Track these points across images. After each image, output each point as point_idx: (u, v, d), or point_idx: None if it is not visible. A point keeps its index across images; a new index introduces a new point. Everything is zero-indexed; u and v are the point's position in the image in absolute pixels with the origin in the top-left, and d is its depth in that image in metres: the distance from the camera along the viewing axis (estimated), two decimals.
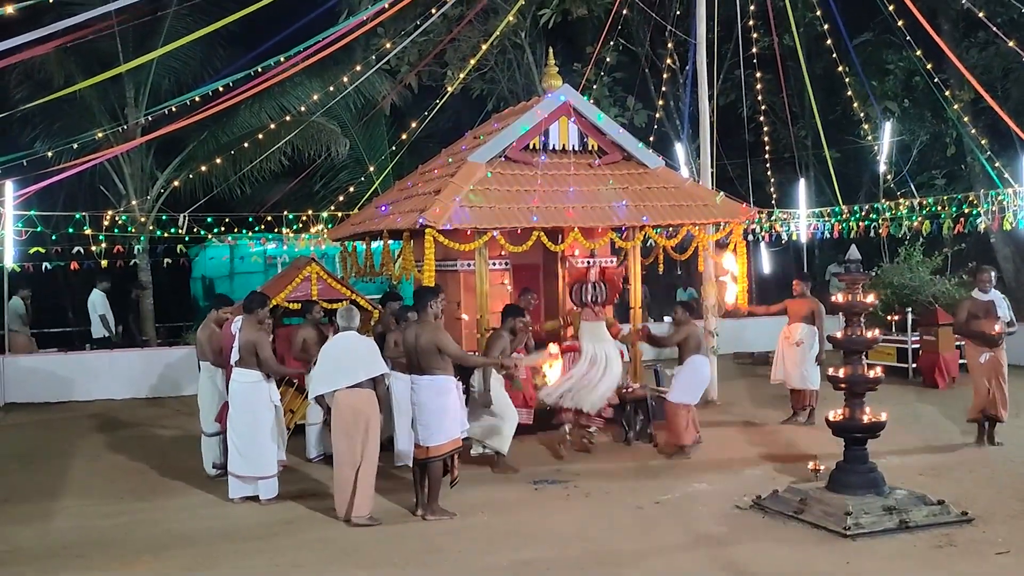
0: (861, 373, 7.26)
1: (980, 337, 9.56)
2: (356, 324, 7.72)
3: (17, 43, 8.66)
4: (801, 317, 10.85)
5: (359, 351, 7.49)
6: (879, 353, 13.48)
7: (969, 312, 9.62)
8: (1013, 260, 19.33)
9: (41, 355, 14.96)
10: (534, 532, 6.99)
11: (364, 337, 7.76)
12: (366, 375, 7.39)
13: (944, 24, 19.09)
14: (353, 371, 7.38)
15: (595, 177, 10.78)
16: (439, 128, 20.42)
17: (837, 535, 6.59)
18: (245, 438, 7.93)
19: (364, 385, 7.39)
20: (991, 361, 9.55)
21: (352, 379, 7.36)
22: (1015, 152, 16.35)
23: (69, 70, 16.44)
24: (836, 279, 17.16)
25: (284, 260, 17.00)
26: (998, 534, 6.63)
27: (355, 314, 7.79)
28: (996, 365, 9.55)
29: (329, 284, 11.07)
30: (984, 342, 9.56)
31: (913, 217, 17.45)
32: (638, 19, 20.02)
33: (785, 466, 8.70)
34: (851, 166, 22.14)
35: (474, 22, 18.67)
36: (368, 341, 7.71)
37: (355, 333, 7.64)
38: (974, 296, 9.76)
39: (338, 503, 7.38)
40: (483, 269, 10.36)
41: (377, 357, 7.54)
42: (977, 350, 9.64)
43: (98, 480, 9.02)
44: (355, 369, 7.39)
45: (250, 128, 17.85)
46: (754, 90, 18.55)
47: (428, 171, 12.02)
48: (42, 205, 16.16)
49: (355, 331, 7.67)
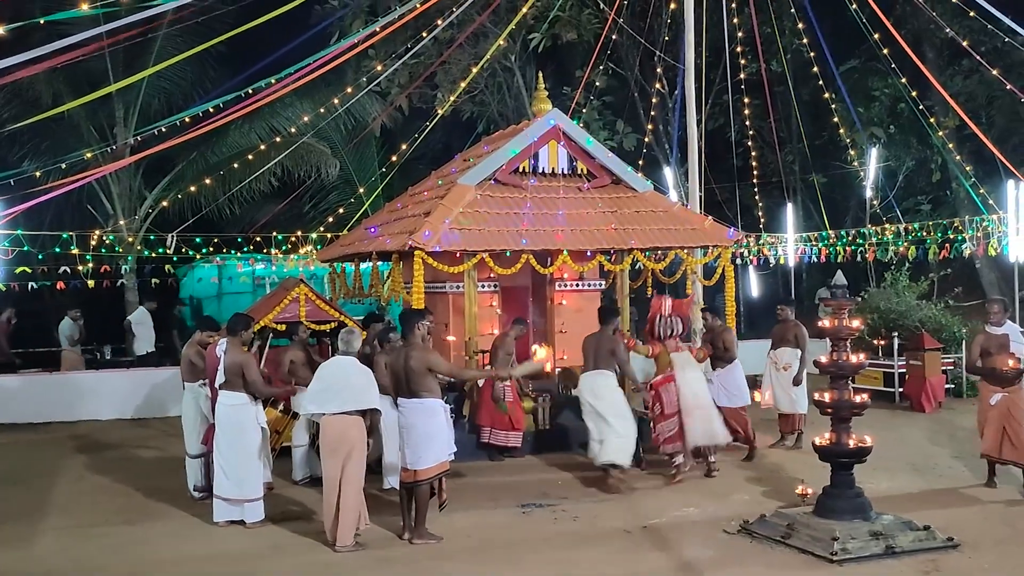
0: (848, 398, 7.28)
1: (991, 375, 8.68)
2: (355, 349, 7.58)
3: (7, 64, 8.64)
4: (786, 341, 10.89)
5: (354, 379, 7.34)
6: (866, 378, 13.50)
7: (982, 348, 8.79)
8: (998, 286, 19.45)
9: (25, 375, 14.84)
10: (522, 556, 6.95)
11: (362, 366, 7.58)
12: (355, 406, 7.27)
13: (929, 52, 19.36)
14: (343, 399, 7.27)
15: (584, 200, 10.83)
16: (429, 150, 20.52)
17: (824, 560, 6.59)
18: (231, 460, 7.87)
19: (352, 412, 7.28)
20: (1003, 403, 8.56)
21: (341, 407, 7.25)
22: (999, 179, 16.51)
23: (58, 89, 16.44)
24: (824, 304, 17.29)
25: (273, 281, 16.99)
26: (985, 560, 6.64)
27: (355, 338, 7.64)
28: (1011, 406, 8.50)
29: (318, 305, 11.05)
30: (997, 381, 8.63)
31: (899, 242, 17.59)
32: (627, 44, 20.20)
33: (773, 490, 8.71)
34: (838, 191, 22.34)
35: (465, 45, 18.79)
36: (365, 371, 7.52)
37: (353, 360, 7.48)
38: (987, 330, 8.93)
39: (326, 527, 7.33)
40: (472, 291, 10.38)
41: (372, 390, 7.38)
42: (989, 390, 8.72)
43: (82, 502, 8.93)
44: (346, 397, 7.27)
45: (240, 148, 17.87)
46: (742, 115, 18.74)
47: (418, 193, 12.06)
48: (29, 224, 16.08)
49: (354, 356, 7.53)
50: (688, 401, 9.21)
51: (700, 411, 9.22)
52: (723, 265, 11.43)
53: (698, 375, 9.55)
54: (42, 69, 13.14)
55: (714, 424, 9.30)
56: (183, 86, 18.34)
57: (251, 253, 17.82)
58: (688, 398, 9.22)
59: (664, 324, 9.57)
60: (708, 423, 9.24)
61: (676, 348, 9.58)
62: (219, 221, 19.00)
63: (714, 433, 9.29)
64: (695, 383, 9.38)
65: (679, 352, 9.56)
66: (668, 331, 9.56)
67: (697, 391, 9.33)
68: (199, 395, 8.81)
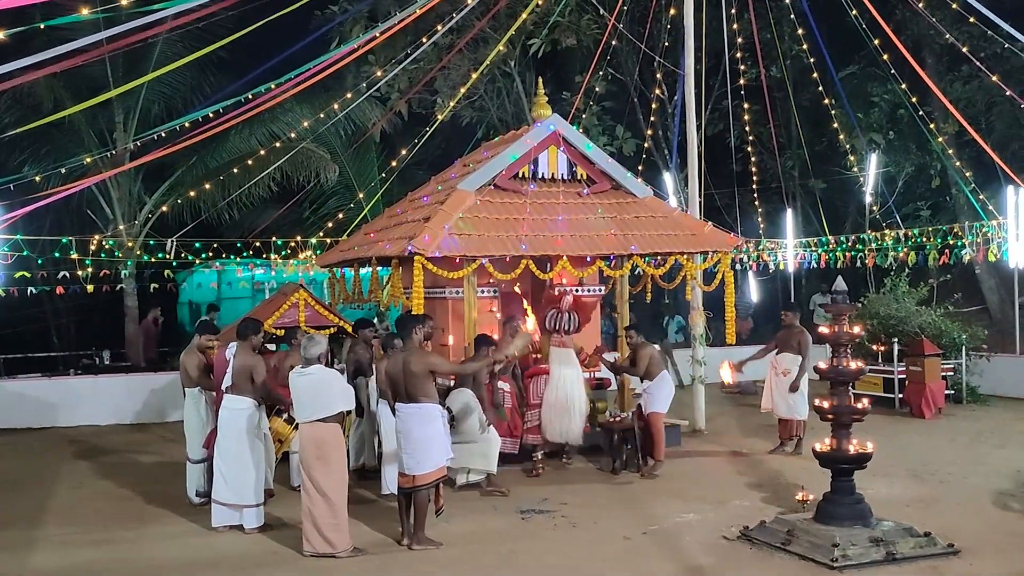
0: (848, 404, 7.27)
1: None
2: (314, 355, 7.24)
3: (8, 69, 8.63)
4: (789, 347, 10.88)
5: (320, 386, 7.21)
6: (865, 383, 13.52)
7: None
8: (998, 292, 19.45)
9: (24, 380, 14.83)
10: (521, 562, 6.94)
11: (328, 371, 7.39)
12: (324, 413, 7.15)
13: (928, 58, 19.37)
14: (313, 407, 7.19)
15: (584, 206, 10.83)
16: (429, 155, 20.52)
17: (824, 567, 6.58)
18: (232, 465, 7.85)
19: (327, 419, 7.19)
20: None
21: (311, 415, 7.18)
22: (999, 184, 16.51)
23: (58, 94, 16.42)
24: (821, 309, 17.28)
25: (272, 286, 16.96)
26: (985, 566, 6.63)
27: (315, 344, 7.31)
28: None
29: (317, 311, 11.04)
30: None
31: (899, 248, 17.58)
32: (627, 50, 20.21)
33: (773, 496, 8.70)
34: (837, 197, 22.34)
35: (464, 51, 18.80)
36: (331, 376, 7.37)
37: (318, 367, 7.25)
38: None
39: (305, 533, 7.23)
40: (471, 297, 10.37)
41: (338, 396, 7.25)
42: None
43: (81, 507, 8.92)
44: (316, 405, 7.18)
45: (239, 154, 17.84)
46: (741, 120, 18.74)
47: (417, 198, 12.05)
48: (28, 229, 16.08)
49: (317, 363, 7.26)
50: (552, 396, 9.61)
51: (560, 408, 9.58)
52: (723, 271, 11.43)
53: (575, 373, 9.81)
54: (43, 75, 13.17)
55: (572, 424, 9.63)
56: (183, 91, 18.33)
57: (250, 258, 17.82)
58: (554, 393, 9.61)
59: (555, 318, 9.91)
60: (566, 422, 9.59)
61: (560, 343, 9.88)
62: (219, 226, 19.00)
63: (568, 432, 9.65)
64: (568, 381, 9.68)
65: (562, 348, 9.87)
66: (555, 325, 9.90)
67: (569, 390, 9.62)
68: (199, 401, 8.81)
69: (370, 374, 9.56)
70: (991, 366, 14.85)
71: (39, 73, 12.39)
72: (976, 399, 14.44)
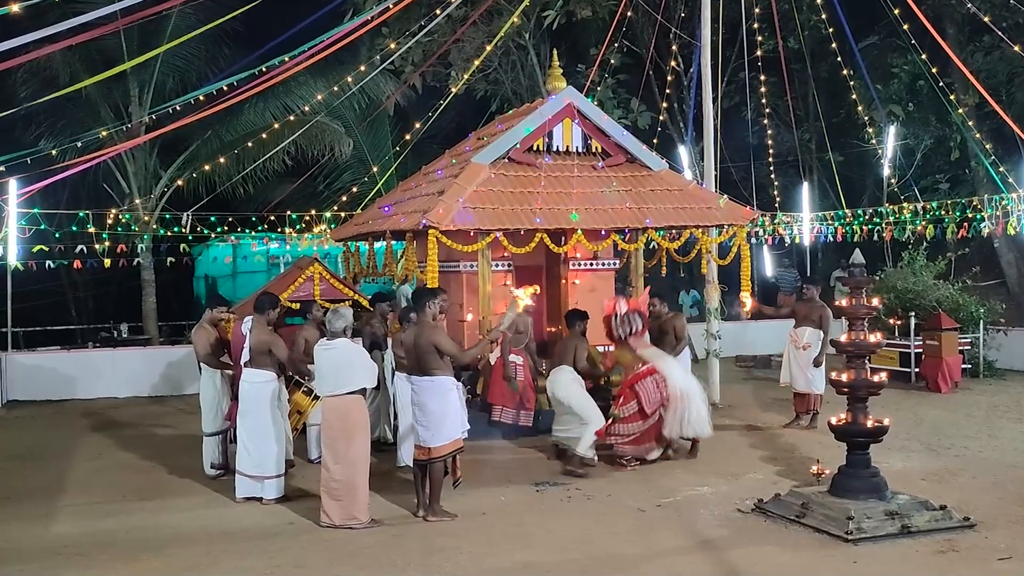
0: (864, 377, 7.24)
1: None
2: (339, 328, 7.31)
3: (22, 42, 8.64)
4: (809, 321, 10.80)
5: (343, 360, 7.25)
6: (882, 357, 13.46)
7: None
8: (1016, 265, 19.29)
9: (43, 353, 14.97)
10: (536, 534, 6.98)
11: (352, 345, 7.44)
12: (348, 387, 7.21)
13: (949, 28, 19.09)
14: (337, 381, 7.23)
15: (598, 179, 10.78)
16: (443, 129, 20.46)
17: (839, 540, 6.57)
18: (254, 437, 7.93)
19: (351, 392, 7.23)
20: None
21: (334, 388, 7.23)
22: (1019, 157, 16.34)
23: (74, 67, 16.45)
24: (840, 284, 17.19)
25: (287, 260, 17.03)
26: (1000, 540, 6.61)
27: (339, 319, 7.36)
28: None
29: (332, 284, 11.07)
30: None
31: (917, 221, 17.45)
32: (642, 21, 20.03)
33: (787, 470, 8.70)
34: (855, 170, 22.16)
35: (478, 23, 18.67)
36: (355, 351, 7.41)
37: (343, 340, 7.31)
38: None
39: (323, 505, 7.29)
40: (486, 270, 10.37)
41: (362, 370, 7.29)
42: None
43: (100, 479, 9.01)
44: (339, 379, 7.23)
45: (254, 127, 17.86)
46: (758, 93, 18.57)
47: (431, 172, 12.03)
48: (45, 203, 16.18)
49: (342, 336, 7.33)
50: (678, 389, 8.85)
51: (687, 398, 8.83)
52: (738, 244, 11.37)
53: (672, 363, 9.20)
54: (58, 48, 13.18)
55: (704, 413, 8.95)
56: (197, 65, 18.32)
57: (265, 232, 17.87)
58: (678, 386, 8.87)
59: (623, 323, 9.18)
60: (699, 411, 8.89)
61: (643, 345, 9.23)
62: (233, 200, 19.06)
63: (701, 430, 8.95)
64: (679, 372, 9.09)
65: (648, 348, 9.24)
66: (628, 329, 9.15)
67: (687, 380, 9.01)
68: (215, 374, 8.86)
69: (385, 348, 9.60)
70: (1008, 340, 14.75)
71: (55, 47, 12.39)
72: (993, 373, 14.37)
